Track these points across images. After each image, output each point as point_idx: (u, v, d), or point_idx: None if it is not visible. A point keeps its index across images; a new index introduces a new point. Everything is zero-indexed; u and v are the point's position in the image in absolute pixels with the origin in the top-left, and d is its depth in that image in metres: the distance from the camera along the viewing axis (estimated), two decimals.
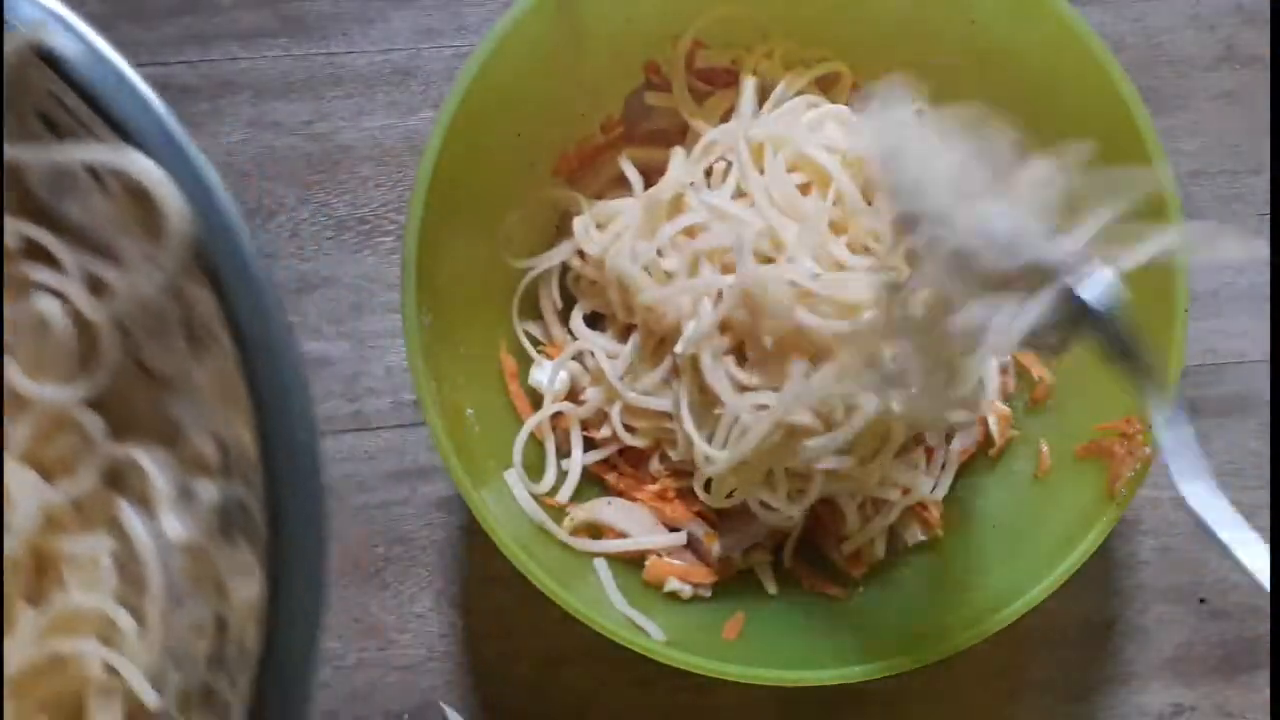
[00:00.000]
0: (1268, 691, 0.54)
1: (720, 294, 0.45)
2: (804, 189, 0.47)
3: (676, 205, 0.48)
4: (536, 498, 0.48)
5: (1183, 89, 0.60)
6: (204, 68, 0.59)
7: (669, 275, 0.47)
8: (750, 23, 0.50)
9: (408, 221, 0.44)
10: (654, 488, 0.50)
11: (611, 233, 0.49)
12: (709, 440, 0.46)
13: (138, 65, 0.28)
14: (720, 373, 0.45)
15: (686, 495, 0.49)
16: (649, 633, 0.45)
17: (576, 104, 0.50)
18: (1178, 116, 0.60)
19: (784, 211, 0.46)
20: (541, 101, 0.48)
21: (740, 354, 0.46)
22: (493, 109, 0.45)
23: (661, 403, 0.48)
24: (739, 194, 0.47)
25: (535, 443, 0.50)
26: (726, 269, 0.46)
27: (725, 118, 0.50)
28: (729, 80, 0.51)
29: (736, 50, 0.51)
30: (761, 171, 0.47)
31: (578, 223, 0.50)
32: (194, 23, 0.59)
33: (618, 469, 0.51)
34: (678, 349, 0.46)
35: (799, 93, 0.50)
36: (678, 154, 0.50)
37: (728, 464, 0.46)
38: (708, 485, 0.48)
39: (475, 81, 0.44)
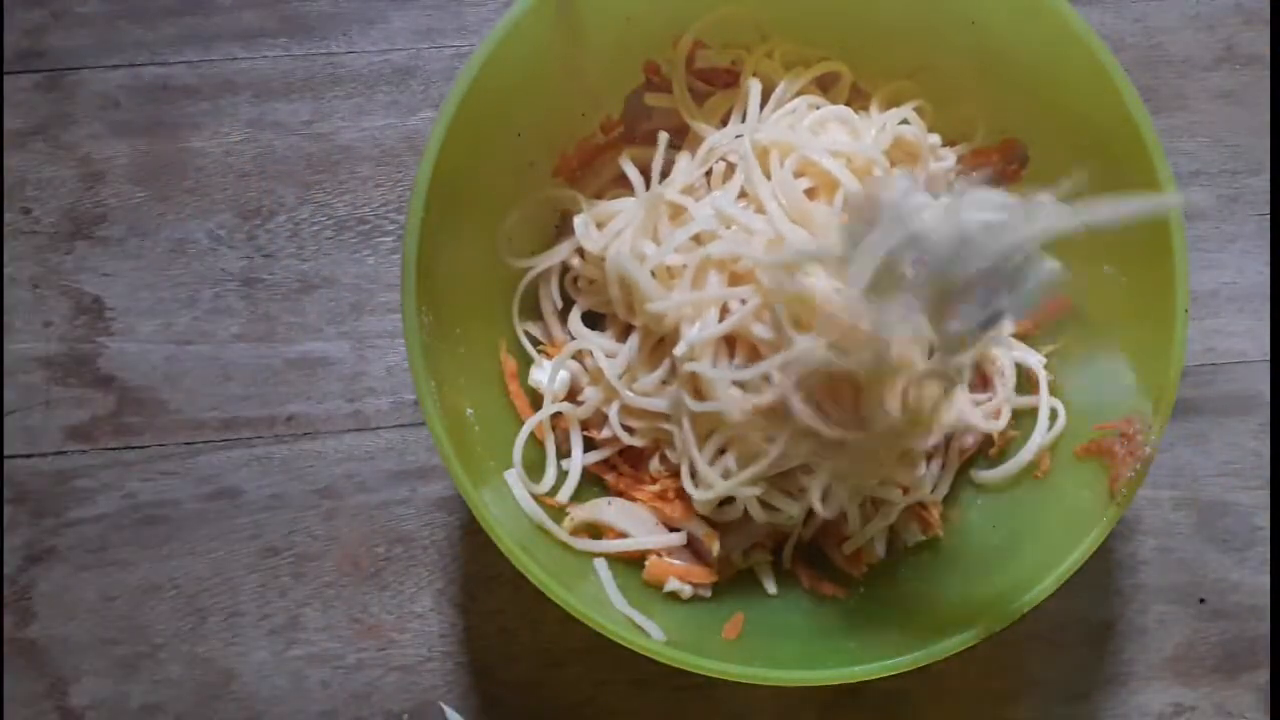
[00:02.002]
0: (1268, 691, 0.54)
1: (726, 305, 0.45)
2: (810, 193, 0.47)
3: (678, 206, 0.48)
4: (536, 498, 0.48)
5: (1183, 89, 0.60)
6: (204, 68, 0.59)
7: (671, 271, 0.47)
8: (750, 23, 0.50)
9: (408, 221, 0.44)
10: (654, 488, 0.50)
11: (612, 230, 0.49)
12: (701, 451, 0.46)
13: (138, 65, 0.28)
14: (724, 385, 0.45)
15: (686, 495, 0.49)
16: (649, 633, 0.45)
17: (576, 104, 0.50)
18: (1178, 116, 0.60)
19: (794, 219, 0.46)
20: (541, 101, 0.48)
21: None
22: (493, 109, 0.45)
23: (659, 403, 0.48)
24: (740, 194, 0.47)
25: (535, 443, 0.50)
26: (734, 278, 0.46)
27: (725, 118, 0.50)
28: (729, 80, 0.51)
29: (736, 50, 0.51)
30: (768, 176, 0.47)
31: (578, 221, 0.50)
32: (194, 23, 0.59)
33: (617, 469, 0.51)
34: (677, 351, 0.46)
35: (799, 93, 0.50)
36: (682, 154, 0.50)
37: (727, 492, 0.46)
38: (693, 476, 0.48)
39: (475, 81, 0.44)
